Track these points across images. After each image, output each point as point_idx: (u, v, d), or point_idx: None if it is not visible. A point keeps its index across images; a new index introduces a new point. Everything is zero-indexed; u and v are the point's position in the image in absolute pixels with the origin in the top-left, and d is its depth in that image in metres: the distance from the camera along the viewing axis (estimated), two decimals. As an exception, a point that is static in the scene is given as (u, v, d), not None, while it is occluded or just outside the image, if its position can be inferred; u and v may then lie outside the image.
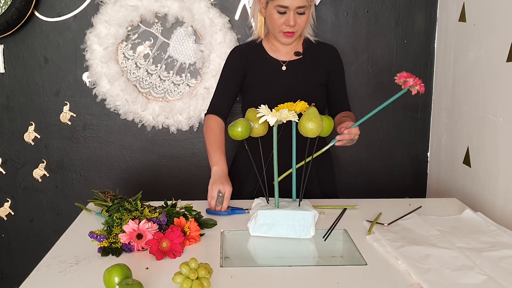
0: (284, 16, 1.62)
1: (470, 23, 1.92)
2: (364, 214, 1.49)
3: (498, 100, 1.70)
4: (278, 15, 1.63)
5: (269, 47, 1.77)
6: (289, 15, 1.61)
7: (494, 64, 1.72)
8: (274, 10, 1.62)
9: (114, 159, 2.31)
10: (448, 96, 2.13)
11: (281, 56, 1.76)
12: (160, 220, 1.28)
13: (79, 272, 1.12)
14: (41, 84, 2.23)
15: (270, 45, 1.77)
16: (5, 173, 2.30)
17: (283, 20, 1.63)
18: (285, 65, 1.74)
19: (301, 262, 1.25)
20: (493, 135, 1.73)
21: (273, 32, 1.69)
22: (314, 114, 1.34)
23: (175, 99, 2.24)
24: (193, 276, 0.99)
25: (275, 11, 1.62)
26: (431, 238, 1.30)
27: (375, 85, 2.28)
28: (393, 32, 2.25)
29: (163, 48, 2.21)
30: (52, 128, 2.27)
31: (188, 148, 2.31)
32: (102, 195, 1.48)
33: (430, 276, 1.08)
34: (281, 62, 1.75)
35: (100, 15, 2.11)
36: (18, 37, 2.17)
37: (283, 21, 1.63)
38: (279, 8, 1.61)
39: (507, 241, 1.28)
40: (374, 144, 2.34)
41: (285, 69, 1.74)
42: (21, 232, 2.36)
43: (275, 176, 1.37)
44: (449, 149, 2.14)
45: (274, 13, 1.63)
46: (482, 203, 1.79)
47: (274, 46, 1.77)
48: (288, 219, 1.32)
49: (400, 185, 2.37)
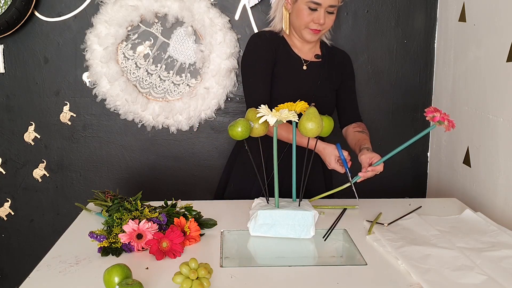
0: (315, 13, 1.60)
1: (470, 23, 1.92)
2: (364, 214, 1.49)
3: (498, 100, 1.70)
4: (309, 11, 1.60)
5: (292, 43, 1.73)
6: (320, 13, 1.59)
7: (494, 64, 1.72)
8: (304, 6, 1.59)
9: (114, 159, 2.31)
10: (448, 96, 2.13)
11: (303, 55, 1.73)
12: (160, 220, 1.28)
13: (79, 272, 1.12)
14: (41, 84, 2.23)
15: (291, 42, 1.73)
16: (5, 173, 2.30)
17: (313, 17, 1.60)
18: (306, 65, 1.72)
19: (301, 262, 1.25)
20: (493, 135, 1.73)
21: (298, 28, 1.66)
22: (314, 114, 1.34)
23: (175, 99, 2.24)
24: (193, 276, 0.99)
25: (305, 6, 1.59)
26: (431, 238, 1.30)
27: (375, 85, 2.29)
28: (393, 32, 2.25)
29: (163, 48, 2.21)
30: (52, 128, 2.27)
31: (188, 148, 2.31)
32: (102, 195, 1.48)
33: (430, 276, 1.08)
34: (303, 61, 1.72)
35: (100, 15, 2.11)
36: (18, 37, 2.17)
37: (312, 18, 1.60)
38: (311, 4, 1.58)
39: (507, 241, 1.28)
40: (374, 144, 2.31)
41: (305, 69, 1.71)
42: (21, 232, 2.36)
43: (275, 176, 1.37)
44: (449, 149, 2.14)
45: (304, 9, 1.60)
46: (482, 203, 1.79)
47: (294, 44, 1.73)
48: (288, 219, 1.32)
49: (400, 185, 2.37)
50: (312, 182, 1.62)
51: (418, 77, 2.30)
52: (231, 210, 1.51)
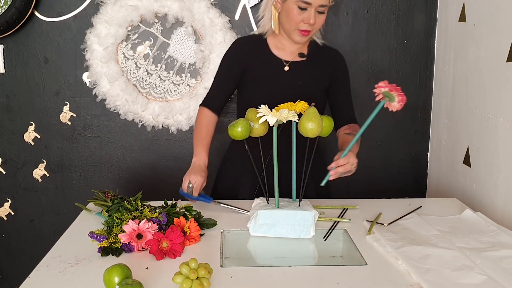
0: (304, 13, 1.54)
1: (470, 23, 1.92)
2: (364, 214, 1.49)
3: (498, 100, 1.70)
4: (298, 11, 1.54)
5: (273, 44, 1.69)
6: (310, 13, 1.54)
7: (494, 64, 1.72)
8: (294, 6, 1.54)
9: (114, 159, 2.31)
10: (448, 96, 2.13)
11: (285, 56, 1.68)
12: (160, 220, 1.28)
13: (79, 272, 1.12)
14: (41, 84, 2.23)
15: (276, 42, 1.68)
16: (5, 173, 2.30)
17: (303, 17, 1.55)
18: (288, 65, 1.66)
19: (301, 262, 1.25)
20: (493, 135, 1.73)
21: (288, 28, 1.60)
22: (314, 114, 1.34)
23: (175, 99, 2.24)
24: (193, 276, 0.99)
25: (295, 6, 1.54)
26: (431, 238, 1.30)
27: (375, 85, 2.28)
28: (393, 32, 2.25)
29: (163, 48, 2.21)
30: (52, 128, 2.27)
31: (188, 148, 2.31)
32: (102, 195, 1.48)
33: (430, 276, 1.08)
34: (284, 62, 1.67)
35: (100, 15, 2.12)
36: (18, 37, 2.17)
37: (302, 18, 1.55)
38: (301, 4, 1.53)
39: (507, 241, 1.28)
40: (374, 144, 2.34)
41: (287, 70, 1.66)
42: (21, 232, 2.36)
43: (275, 176, 1.37)
44: (449, 149, 2.13)
45: (294, 9, 1.54)
46: (482, 203, 1.79)
47: (280, 44, 1.68)
48: (288, 219, 1.32)
49: (400, 185, 2.37)
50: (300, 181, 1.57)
51: (418, 77, 2.30)
52: (231, 210, 1.51)
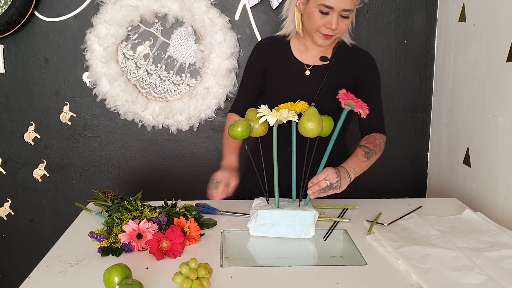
0: (326, 17, 1.46)
1: (470, 23, 1.92)
2: (364, 214, 1.49)
3: (498, 100, 1.70)
4: (320, 15, 1.46)
5: (296, 47, 1.62)
6: (332, 17, 1.45)
7: (494, 64, 1.72)
8: (315, 9, 1.46)
9: (114, 159, 2.31)
10: (448, 96, 2.13)
11: (307, 59, 1.61)
12: (160, 220, 1.28)
13: (79, 272, 1.12)
14: (41, 84, 2.23)
15: (299, 44, 1.62)
16: (5, 173, 2.30)
17: (324, 21, 1.47)
18: (309, 70, 1.59)
19: (301, 262, 1.25)
20: (493, 135, 1.73)
21: (309, 31, 1.53)
22: (314, 114, 1.34)
23: (175, 99, 2.24)
24: (193, 276, 0.99)
25: (316, 10, 1.46)
26: (431, 238, 1.30)
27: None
28: (393, 32, 2.25)
29: (163, 48, 2.21)
30: (52, 128, 2.27)
31: (188, 148, 2.32)
32: (102, 195, 1.48)
33: (430, 276, 1.08)
34: (306, 66, 1.60)
35: (100, 15, 2.12)
36: (18, 37, 2.17)
37: (324, 22, 1.47)
38: (322, 8, 1.44)
39: (507, 241, 1.28)
40: (374, 144, 2.34)
41: (308, 74, 1.59)
42: (21, 232, 2.36)
43: (275, 176, 1.37)
44: (449, 149, 2.13)
45: (315, 12, 1.46)
46: (482, 203, 1.79)
47: (303, 46, 1.61)
48: (288, 219, 1.32)
49: (400, 185, 2.37)
50: None
51: (418, 77, 2.30)
52: (231, 210, 1.51)
